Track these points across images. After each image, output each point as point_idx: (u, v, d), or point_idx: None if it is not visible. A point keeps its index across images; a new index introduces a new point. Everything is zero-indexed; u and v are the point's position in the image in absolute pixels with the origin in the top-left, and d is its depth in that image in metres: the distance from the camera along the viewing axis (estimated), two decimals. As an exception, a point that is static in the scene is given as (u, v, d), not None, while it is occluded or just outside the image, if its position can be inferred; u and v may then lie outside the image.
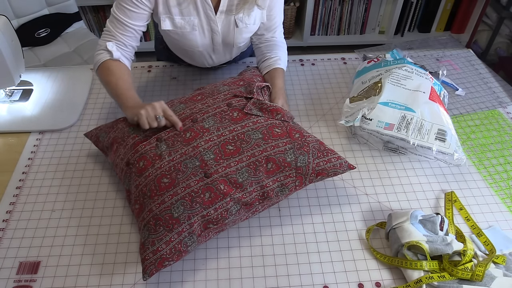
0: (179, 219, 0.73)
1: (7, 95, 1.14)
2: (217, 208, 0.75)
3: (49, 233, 0.84)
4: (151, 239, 0.73)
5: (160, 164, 0.79)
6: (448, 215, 0.86)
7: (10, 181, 0.94)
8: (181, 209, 0.74)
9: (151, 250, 0.72)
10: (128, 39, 0.98)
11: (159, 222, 0.73)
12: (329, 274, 0.78)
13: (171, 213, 0.74)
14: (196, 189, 0.76)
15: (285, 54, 1.12)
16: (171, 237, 0.72)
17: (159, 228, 0.73)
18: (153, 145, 0.82)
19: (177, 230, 0.73)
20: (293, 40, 2.62)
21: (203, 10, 0.99)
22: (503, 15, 2.33)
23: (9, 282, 0.76)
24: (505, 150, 1.02)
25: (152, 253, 0.71)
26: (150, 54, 1.62)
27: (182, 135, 0.83)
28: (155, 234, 0.73)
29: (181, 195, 0.75)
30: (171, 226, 0.73)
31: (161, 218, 0.73)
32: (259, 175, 0.78)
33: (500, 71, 2.26)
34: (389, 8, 2.54)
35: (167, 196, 0.75)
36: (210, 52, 1.11)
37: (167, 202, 0.75)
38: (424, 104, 0.97)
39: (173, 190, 0.75)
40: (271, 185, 0.79)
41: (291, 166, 0.80)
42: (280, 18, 1.09)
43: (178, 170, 0.77)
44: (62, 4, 1.76)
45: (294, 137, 0.83)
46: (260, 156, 0.80)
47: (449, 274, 0.73)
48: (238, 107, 0.87)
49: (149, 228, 0.74)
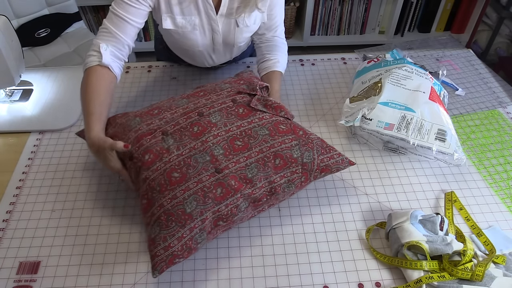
0: (192, 214, 0.72)
1: (7, 95, 1.14)
2: (228, 204, 0.74)
3: (49, 233, 0.84)
4: (162, 235, 0.71)
5: (169, 158, 0.77)
6: (448, 215, 0.86)
7: (10, 181, 0.94)
8: (194, 204, 0.72)
9: (163, 246, 0.70)
10: (125, 36, 0.95)
11: (171, 217, 0.71)
12: (329, 274, 0.78)
13: (183, 208, 0.72)
14: (208, 184, 0.74)
15: (285, 56, 1.12)
16: (183, 233, 0.71)
17: (171, 223, 0.71)
18: (159, 138, 0.80)
19: (189, 226, 0.71)
20: (293, 40, 2.62)
21: (204, 9, 0.99)
22: (503, 15, 2.33)
23: (9, 282, 0.76)
24: (505, 150, 1.02)
25: (163, 250, 0.70)
26: (150, 54, 1.62)
27: (189, 129, 0.82)
28: (166, 230, 0.71)
29: (194, 190, 0.73)
30: (184, 221, 0.71)
31: (173, 214, 0.72)
32: (267, 171, 0.78)
33: (500, 71, 2.26)
34: (389, 8, 2.54)
35: (179, 191, 0.73)
36: (210, 51, 1.11)
37: (179, 197, 0.73)
38: (424, 104, 0.97)
39: (185, 184, 0.74)
40: (279, 181, 0.79)
41: (297, 162, 0.81)
42: (281, 17, 1.09)
43: (188, 164, 0.76)
44: (62, 4, 1.76)
45: (299, 134, 0.84)
46: (268, 152, 0.80)
47: (449, 274, 0.73)
48: (243, 103, 0.87)
49: (160, 223, 0.72)
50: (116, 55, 0.94)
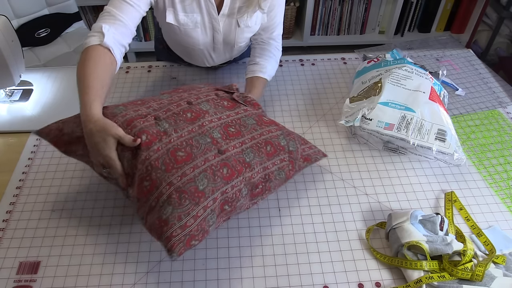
0: (205, 192, 0.69)
1: (7, 95, 1.14)
2: (233, 186, 0.73)
3: (49, 233, 0.84)
4: (176, 213, 0.66)
5: (169, 139, 0.74)
6: (448, 215, 0.86)
7: (10, 181, 0.94)
8: (205, 182, 0.70)
9: (178, 225, 0.65)
10: (128, 19, 0.88)
11: (183, 195, 0.68)
12: (329, 274, 0.78)
13: (196, 186, 0.69)
14: (215, 163, 0.73)
15: (275, 64, 1.10)
16: (198, 212, 0.68)
17: (185, 201, 0.67)
18: (152, 122, 0.76)
19: (203, 205, 0.68)
20: (293, 40, 2.62)
21: (206, 8, 0.99)
22: (503, 15, 2.33)
23: (9, 282, 0.76)
24: (505, 150, 1.02)
25: (180, 229, 0.65)
26: (150, 54, 1.62)
27: (182, 115, 0.79)
28: (181, 208, 0.67)
29: (203, 168, 0.71)
30: (197, 199, 0.68)
31: (185, 191, 0.68)
32: (262, 156, 0.79)
33: (500, 71, 2.26)
34: (389, 8, 2.54)
35: (187, 169, 0.70)
36: (210, 50, 1.11)
37: (189, 175, 0.70)
38: (424, 104, 0.97)
39: (192, 163, 0.71)
40: (271, 167, 0.80)
41: (285, 150, 0.82)
42: (279, 19, 1.08)
43: (191, 145, 0.74)
44: (62, 4, 1.76)
45: (280, 126, 0.87)
46: (260, 139, 0.81)
47: (449, 274, 0.73)
48: (225, 97, 0.88)
49: (172, 202, 0.67)
50: (119, 40, 0.87)
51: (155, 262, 0.79)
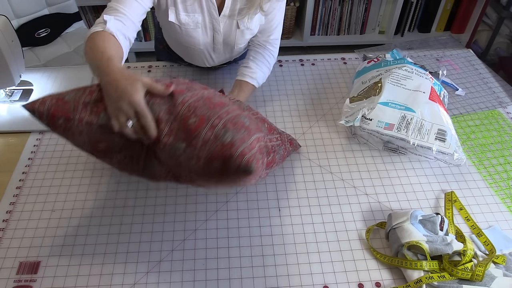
0: (251, 128, 0.67)
1: (7, 95, 1.14)
2: (271, 140, 0.79)
3: (49, 233, 0.84)
4: (239, 137, 0.64)
5: (195, 92, 0.71)
6: (448, 215, 0.86)
7: (10, 181, 0.94)
8: (247, 120, 0.68)
9: (246, 145, 0.63)
10: (132, 12, 0.87)
11: (237, 125, 0.66)
12: (329, 274, 0.78)
13: (243, 121, 0.67)
14: (246, 114, 0.71)
15: (268, 71, 1.10)
16: (252, 142, 0.66)
17: (241, 129, 0.65)
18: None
19: (254, 136, 0.67)
20: (293, 40, 2.62)
21: (207, 8, 1.00)
22: (503, 15, 2.33)
23: (9, 282, 0.76)
24: (505, 150, 1.02)
25: (248, 149, 0.63)
26: (150, 54, 1.62)
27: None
28: (240, 133, 0.65)
29: (238, 112, 0.69)
30: (249, 131, 0.66)
31: (237, 123, 0.66)
32: (261, 127, 0.77)
33: (500, 71, 2.26)
34: (389, 8, 2.54)
35: (229, 108, 0.69)
36: (210, 50, 1.11)
37: (231, 113, 0.67)
38: (424, 104, 0.97)
39: (226, 108, 0.69)
40: (274, 141, 0.82)
41: (276, 130, 0.88)
42: (277, 22, 1.07)
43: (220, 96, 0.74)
44: (62, 4, 1.76)
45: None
46: (256, 116, 0.84)
47: (449, 274, 0.73)
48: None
49: (230, 129, 0.65)
50: (121, 29, 0.84)
51: (155, 262, 0.79)
